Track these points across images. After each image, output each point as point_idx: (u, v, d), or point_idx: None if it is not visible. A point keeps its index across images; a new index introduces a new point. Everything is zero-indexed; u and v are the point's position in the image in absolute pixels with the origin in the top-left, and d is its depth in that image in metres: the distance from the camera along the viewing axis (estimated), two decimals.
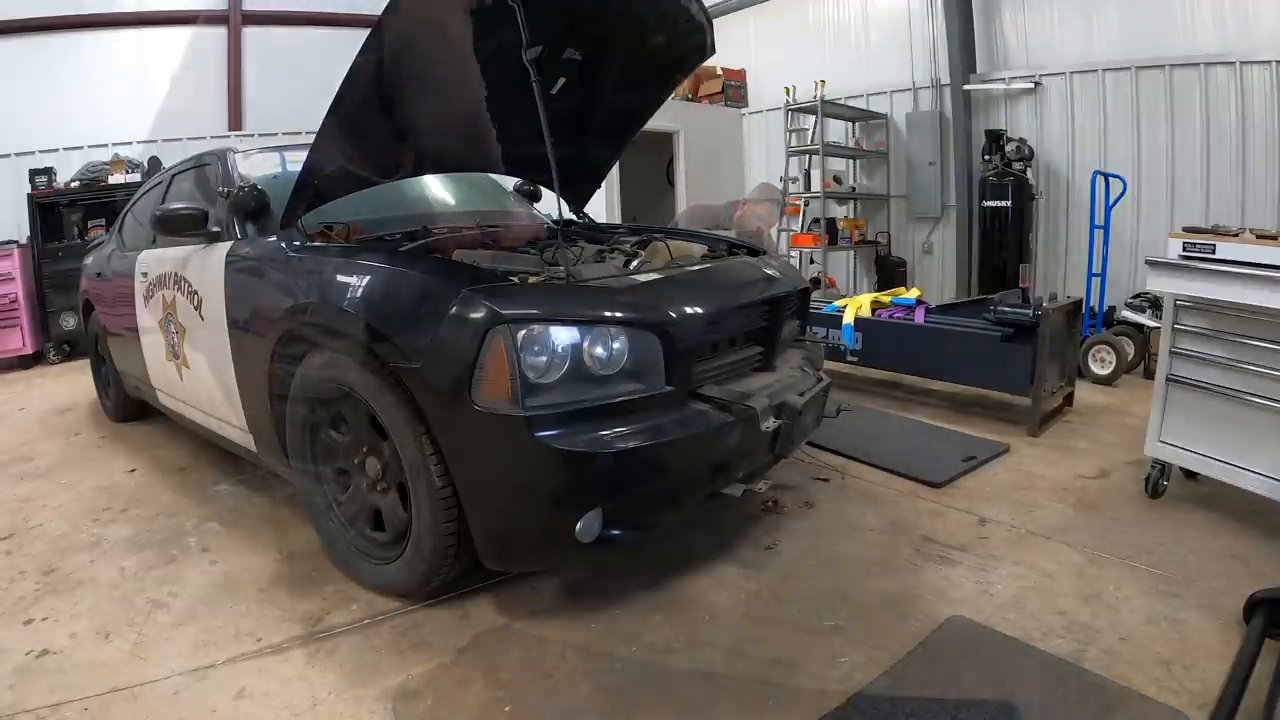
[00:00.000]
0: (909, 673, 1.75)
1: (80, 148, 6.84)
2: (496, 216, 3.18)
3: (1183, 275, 2.49)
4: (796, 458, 3.04)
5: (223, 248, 2.57)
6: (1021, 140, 5.72)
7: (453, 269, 2.05)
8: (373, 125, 2.36)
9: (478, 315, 1.77)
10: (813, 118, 6.64)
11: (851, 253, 7.18)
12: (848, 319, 4.21)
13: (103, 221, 6.20)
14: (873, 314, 4.23)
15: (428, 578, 2.00)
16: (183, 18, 7.42)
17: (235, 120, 7.78)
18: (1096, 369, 4.53)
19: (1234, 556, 2.27)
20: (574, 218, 3.29)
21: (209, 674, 1.80)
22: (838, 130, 7.06)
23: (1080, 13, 5.67)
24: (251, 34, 7.68)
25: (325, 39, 7.68)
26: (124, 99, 7.06)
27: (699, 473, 2.06)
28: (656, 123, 3.63)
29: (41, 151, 6.70)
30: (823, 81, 6.40)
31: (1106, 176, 4.93)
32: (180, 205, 2.71)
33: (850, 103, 6.79)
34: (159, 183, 3.60)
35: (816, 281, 6.13)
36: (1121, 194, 4.96)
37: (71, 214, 6.40)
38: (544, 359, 1.79)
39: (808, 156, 6.76)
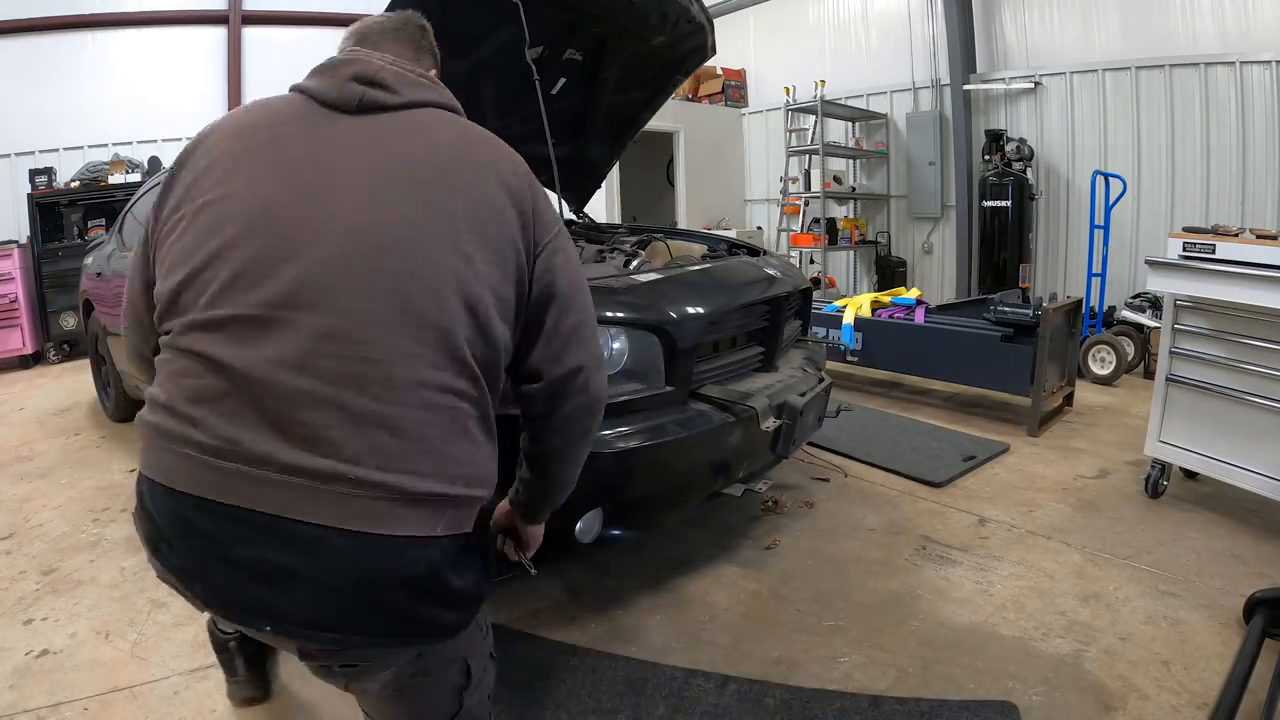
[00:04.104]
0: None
1: (80, 148, 6.83)
2: None
3: (1183, 275, 2.49)
4: (797, 457, 3.04)
5: None
6: (1021, 140, 5.72)
7: None
8: None
9: None
10: (813, 118, 6.65)
11: (851, 253, 7.18)
12: (848, 319, 4.21)
13: (103, 221, 6.19)
14: (873, 314, 4.23)
15: None
16: (183, 18, 7.43)
17: None
18: (1096, 369, 4.53)
19: (1234, 556, 2.27)
20: (574, 218, 3.29)
21: (209, 674, 1.79)
22: (838, 130, 7.06)
23: (1080, 13, 5.67)
24: (251, 34, 7.67)
25: (325, 39, 7.66)
26: (124, 99, 7.06)
27: (699, 473, 2.05)
28: (656, 123, 3.63)
29: (41, 151, 6.70)
30: (823, 81, 6.41)
31: (1106, 176, 4.93)
32: None
33: (850, 103, 6.80)
34: (159, 183, 3.59)
35: (816, 281, 6.13)
36: (1121, 194, 4.95)
37: (71, 214, 6.39)
38: None
39: (808, 156, 6.76)
